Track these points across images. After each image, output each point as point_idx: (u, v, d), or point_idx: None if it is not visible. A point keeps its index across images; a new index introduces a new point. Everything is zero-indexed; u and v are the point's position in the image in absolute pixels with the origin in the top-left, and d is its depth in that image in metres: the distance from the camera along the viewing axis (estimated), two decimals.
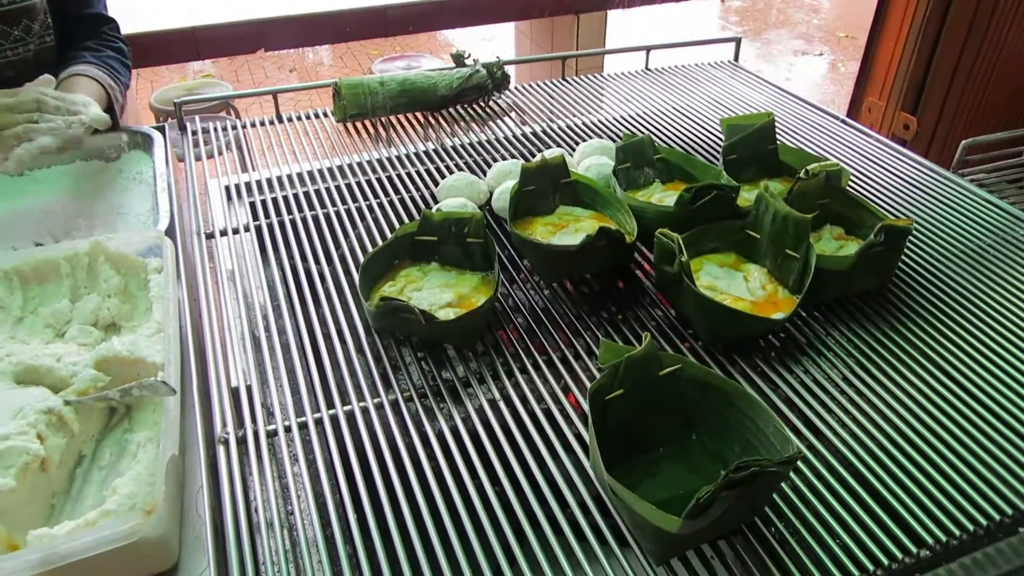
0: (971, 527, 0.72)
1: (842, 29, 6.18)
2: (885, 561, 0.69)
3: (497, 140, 1.45)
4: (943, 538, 0.71)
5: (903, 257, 1.09)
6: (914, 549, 0.70)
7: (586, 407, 0.76)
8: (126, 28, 2.16)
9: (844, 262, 0.95)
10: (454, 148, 1.42)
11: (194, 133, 1.41)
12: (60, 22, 1.33)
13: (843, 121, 1.52)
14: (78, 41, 1.37)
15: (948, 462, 0.78)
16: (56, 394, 0.81)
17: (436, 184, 1.26)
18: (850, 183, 1.28)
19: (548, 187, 1.11)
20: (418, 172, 1.33)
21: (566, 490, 0.75)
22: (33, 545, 0.65)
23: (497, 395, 0.87)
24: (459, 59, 1.55)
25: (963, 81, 2.37)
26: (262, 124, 1.47)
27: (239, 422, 0.83)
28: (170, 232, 1.09)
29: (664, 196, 1.15)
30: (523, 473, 0.77)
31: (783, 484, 0.75)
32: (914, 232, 1.16)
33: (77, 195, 1.26)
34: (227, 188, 1.30)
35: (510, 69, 1.60)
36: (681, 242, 0.90)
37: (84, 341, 0.92)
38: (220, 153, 1.36)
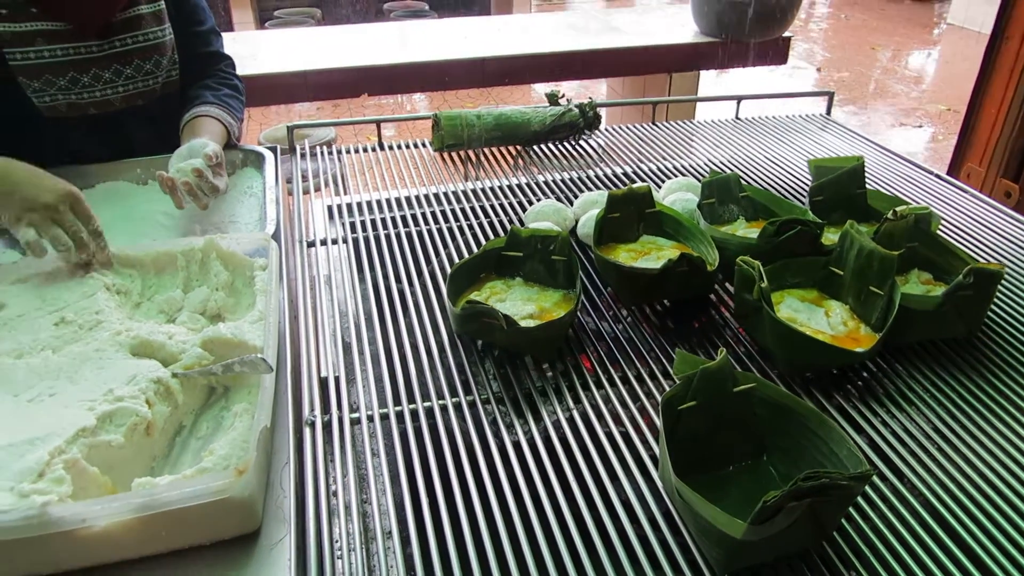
0: None
1: (944, 102, 6.05)
2: None
3: (587, 178, 1.50)
4: None
5: (995, 307, 1.07)
6: None
7: (659, 424, 0.77)
8: (246, 70, 2.34)
9: (931, 302, 0.94)
10: (545, 183, 1.47)
11: (302, 156, 1.51)
12: (183, 58, 1.47)
13: (938, 176, 1.50)
14: (199, 77, 1.51)
15: None
16: (165, 367, 0.88)
17: (524, 212, 1.31)
18: (943, 232, 1.26)
19: (633, 216, 1.15)
20: (510, 203, 1.39)
21: (637, 505, 0.76)
22: (136, 491, 0.71)
23: (572, 405, 0.89)
24: (553, 98, 1.62)
25: None
26: (364, 151, 1.56)
27: (325, 408, 0.88)
28: (275, 238, 1.17)
29: (748, 233, 1.17)
30: (595, 486, 0.78)
31: (866, 528, 0.74)
32: (1009, 284, 1.13)
33: (193, 204, 1.37)
34: (329, 207, 1.38)
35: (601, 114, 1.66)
36: (761, 269, 0.92)
37: (192, 327, 0.99)
38: (326, 185, 1.45)
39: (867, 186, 1.25)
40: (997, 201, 1.42)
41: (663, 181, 1.45)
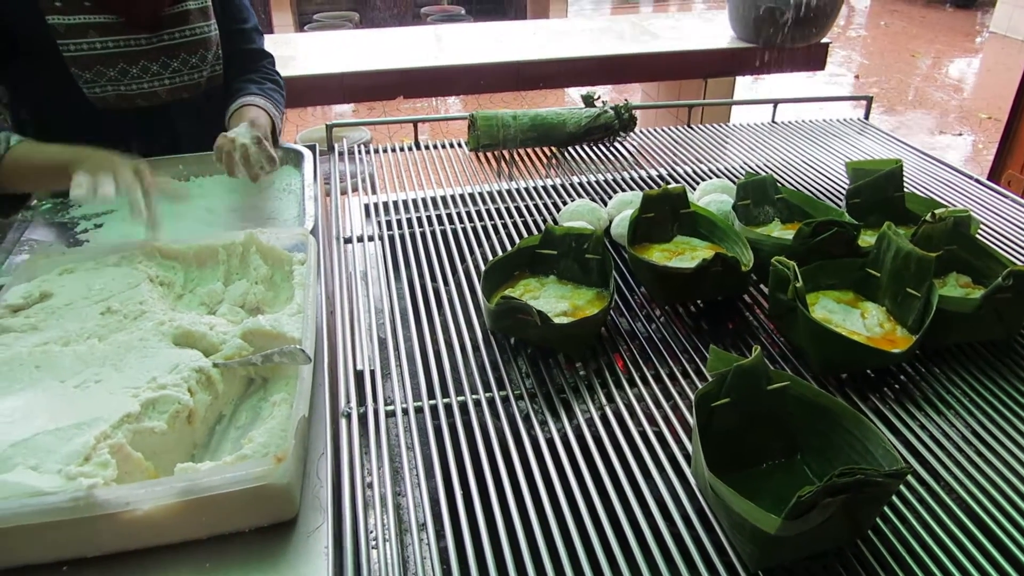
0: None
1: (985, 111, 5.93)
2: None
3: (622, 180, 1.50)
4: None
5: None
6: None
7: (692, 421, 0.77)
8: (285, 71, 2.38)
9: (969, 304, 0.93)
10: (579, 184, 1.48)
11: (340, 154, 1.54)
12: (227, 54, 1.52)
13: (978, 181, 1.48)
14: (242, 72, 1.55)
15: None
16: (207, 357, 0.90)
17: (559, 212, 1.31)
18: (982, 237, 1.24)
19: (667, 216, 1.15)
20: (544, 204, 1.40)
21: (670, 502, 0.77)
22: (178, 475, 0.72)
23: (604, 403, 0.90)
24: (589, 100, 1.63)
25: None
26: (401, 150, 1.58)
27: (361, 400, 0.90)
28: (313, 234, 1.19)
29: (783, 235, 1.16)
30: (628, 482, 0.79)
31: (902, 529, 0.73)
32: None
33: (234, 200, 1.40)
34: (365, 205, 1.40)
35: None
36: (796, 268, 0.91)
37: (232, 319, 1.01)
38: (363, 184, 1.47)
39: (905, 190, 1.24)
40: None
41: (698, 183, 1.44)
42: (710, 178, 1.49)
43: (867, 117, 1.83)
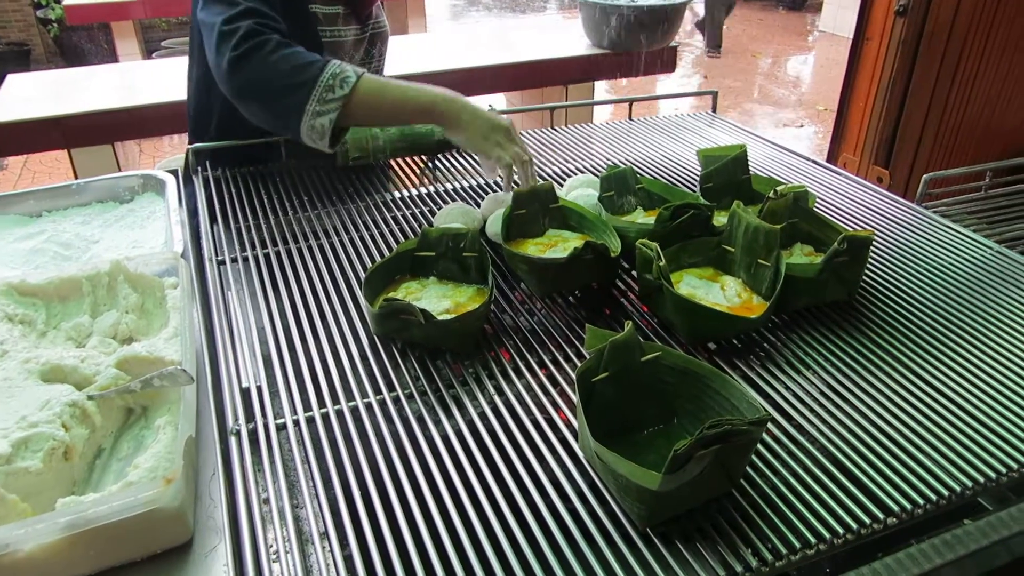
0: (934, 497, 0.77)
1: (822, 103, 6.45)
2: (854, 526, 0.74)
3: (494, 184, 1.54)
4: (908, 507, 0.76)
5: (870, 272, 1.17)
6: (881, 516, 0.75)
7: (575, 397, 0.82)
8: (133, 102, 2.31)
9: (812, 269, 1.02)
10: (453, 190, 1.51)
11: (205, 178, 1.50)
12: None
13: (815, 162, 1.63)
14: None
15: (915, 445, 0.84)
16: (80, 391, 0.86)
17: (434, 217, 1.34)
18: (824, 210, 1.37)
19: (538, 211, 1.20)
20: (420, 212, 1.42)
21: (564, 481, 0.80)
22: (61, 510, 0.70)
23: (494, 395, 0.93)
24: None
25: (931, 137, 2.51)
26: (268, 171, 1.56)
27: (249, 417, 0.89)
28: (184, 257, 1.16)
29: (646, 221, 1.24)
30: (523, 467, 0.82)
31: (774, 478, 0.80)
32: (880, 252, 1.24)
33: (94, 231, 1.34)
34: (237, 228, 1.37)
35: None
36: (659, 249, 0.98)
37: (104, 351, 0.98)
38: (234, 205, 1.44)
39: (752, 173, 1.34)
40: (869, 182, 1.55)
41: (565, 180, 1.51)
42: (576, 174, 1.56)
43: (714, 110, 1.96)
